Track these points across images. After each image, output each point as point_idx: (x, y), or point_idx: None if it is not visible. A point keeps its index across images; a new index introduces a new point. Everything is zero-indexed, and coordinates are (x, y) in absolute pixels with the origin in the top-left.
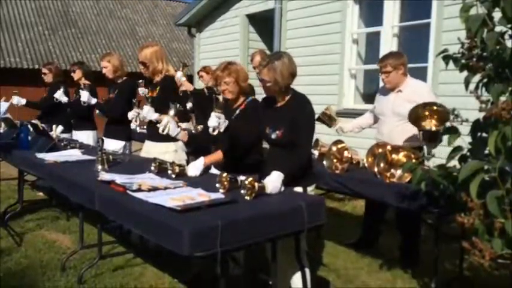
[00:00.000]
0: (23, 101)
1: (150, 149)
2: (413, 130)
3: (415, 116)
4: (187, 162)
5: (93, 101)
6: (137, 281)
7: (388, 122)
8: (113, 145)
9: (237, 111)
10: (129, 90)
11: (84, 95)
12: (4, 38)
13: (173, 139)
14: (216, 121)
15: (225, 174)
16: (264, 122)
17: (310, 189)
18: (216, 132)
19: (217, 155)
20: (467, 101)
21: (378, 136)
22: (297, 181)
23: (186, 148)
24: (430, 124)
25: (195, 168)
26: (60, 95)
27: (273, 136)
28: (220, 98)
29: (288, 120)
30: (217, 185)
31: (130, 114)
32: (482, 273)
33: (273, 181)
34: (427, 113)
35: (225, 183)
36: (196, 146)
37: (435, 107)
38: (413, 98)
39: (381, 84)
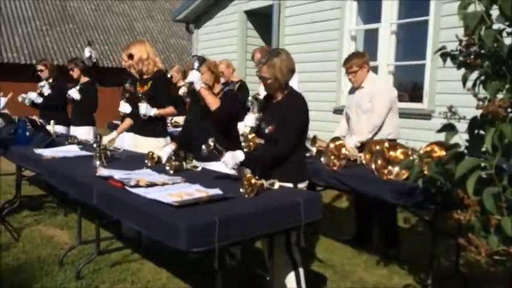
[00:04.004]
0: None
1: (139, 143)
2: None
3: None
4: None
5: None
6: (135, 276)
7: (353, 118)
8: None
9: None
10: None
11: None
12: (1, 32)
13: (163, 135)
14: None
15: (212, 142)
16: (261, 118)
17: (302, 186)
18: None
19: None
20: (465, 99)
21: (348, 132)
22: (287, 177)
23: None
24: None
25: (165, 152)
26: (73, 92)
27: (266, 131)
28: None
29: (280, 116)
30: (202, 147)
31: (123, 108)
32: (478, 269)
33: (230, 157)
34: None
35: (210, 147)
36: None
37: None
38: (373, 92)
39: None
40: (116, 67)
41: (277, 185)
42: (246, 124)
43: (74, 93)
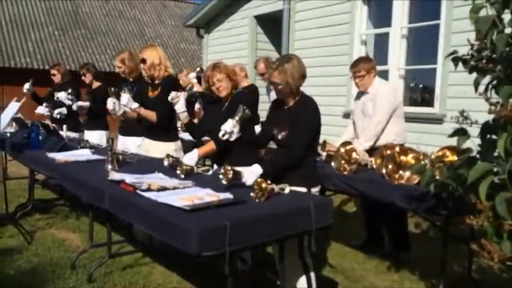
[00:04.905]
0: (31, 90)
1: (150, 148)
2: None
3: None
4: None
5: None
6: (146, 279)
7: (358, 123)
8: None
9: (225, 104)
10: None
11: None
12: (15, 37)
13: (173, 139)
14: (230, 128)
15: (228, 167)
16: (272, 123)
17: (315, 191)
18: (225, 138)
19: (210, 146)
20: (477, 103)
21: (355, 137)
22: (301, 182)
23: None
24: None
25: (190, 159)
26: (64, 98)
27: (279, 137)
28: (247, 111)
29: (292, 121)
30: (220, 176)
31: (110, 104)
32: (490, 275)
33: (252, 172)
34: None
35: (229, 175)
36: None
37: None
38: (376, 97)
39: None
40: None
41: (287, 189)
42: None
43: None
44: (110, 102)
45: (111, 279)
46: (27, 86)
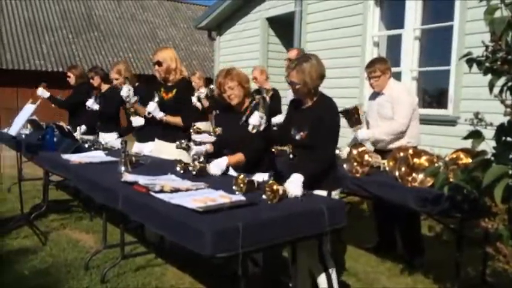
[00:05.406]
0: (47, 94)
1: (163, 149)
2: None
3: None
4: None
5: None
6: (158, 280)
7: (373, 124)
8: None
9: (245, 116)
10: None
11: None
12: (29, 40)
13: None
14: (258, 120)
15: (241, 176)
16: (290, 123)
17: (335, 193)
18: (255, 131)
19: (240, 157)
20: (491, 105)
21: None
22: (320, 185)
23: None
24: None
25: (217, 168)
26: (91, 104)
27: (297, 137)
28: (267, 98)
29: (312, 121)
30: (234, 187)
31: (125, 91)
32: (505, 278)
33: (293, 183)
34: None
35: (242, 185)
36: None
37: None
38: (394, 99)
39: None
40: (138, 74)
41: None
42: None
43: (93, 104)
44: (125, 89)
45: (124, 280)
46: (39, 92)
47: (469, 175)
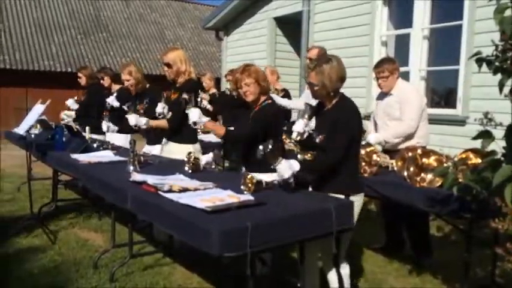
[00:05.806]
0: (75, 106)
1: (172, 149)
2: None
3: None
4: None
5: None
6: (166, 280)
7: (380, 124)
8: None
9: (252, 112)
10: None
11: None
12: (38, 40)
13: (193, 141)
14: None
15: (250, 176)
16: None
17: (355, 199)
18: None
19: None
20: (501, 105)
21: None
22: (335, 187)
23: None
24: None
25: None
26: (112, 100)
27: (317, 140)
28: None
29: (330, 124)
30: (242, 187)
31: (160, 108)
32: None
33: (284, 165)
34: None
35: (250, 185)
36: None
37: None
38: (402, 99)
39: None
40: (146, 74)
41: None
42: (294, 129)
43: (113, 101)
44: (160, 106)
45: (132, 279)
46: (69, 103)
47: (478, 175)
